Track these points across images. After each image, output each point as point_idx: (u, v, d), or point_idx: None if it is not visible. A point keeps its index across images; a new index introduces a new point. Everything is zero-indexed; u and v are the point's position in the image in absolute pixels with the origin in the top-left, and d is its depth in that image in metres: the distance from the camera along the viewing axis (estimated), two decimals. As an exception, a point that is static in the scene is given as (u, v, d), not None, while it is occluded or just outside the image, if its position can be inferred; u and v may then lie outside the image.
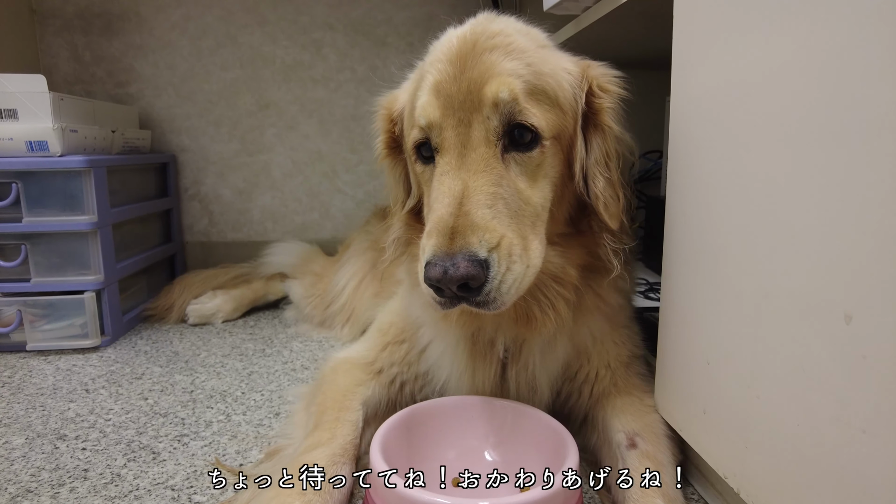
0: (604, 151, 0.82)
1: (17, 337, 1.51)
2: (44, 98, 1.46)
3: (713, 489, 0.85)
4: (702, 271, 0.76)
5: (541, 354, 0.92)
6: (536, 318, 0.85)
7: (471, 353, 0.93)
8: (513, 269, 0.72)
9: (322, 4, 2.18)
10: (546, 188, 0.80)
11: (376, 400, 1.01)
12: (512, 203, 0.75)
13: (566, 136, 0.82)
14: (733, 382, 0.69)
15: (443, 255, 0.69)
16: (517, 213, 0.76)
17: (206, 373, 1.38)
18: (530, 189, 0.78)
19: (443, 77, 0.78)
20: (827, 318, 0.53)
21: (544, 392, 0.94)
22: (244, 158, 2.26)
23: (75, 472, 0.94)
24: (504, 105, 0.75)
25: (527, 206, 0.77)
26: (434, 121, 0.78)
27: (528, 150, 0.78)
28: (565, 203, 0.85)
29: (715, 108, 0.72)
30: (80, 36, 2.13)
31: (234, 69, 2.20)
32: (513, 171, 0.77)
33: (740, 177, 0.67)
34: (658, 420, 0.89)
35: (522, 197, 0.77)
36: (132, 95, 2.18)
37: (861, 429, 0.50)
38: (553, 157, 0.81)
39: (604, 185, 0.82)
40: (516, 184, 0.77)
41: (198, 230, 2.29)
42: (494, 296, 0.71)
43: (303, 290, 1.81)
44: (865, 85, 0.48)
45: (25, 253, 1.50)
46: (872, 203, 0.48)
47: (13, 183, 1.46)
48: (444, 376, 0.98)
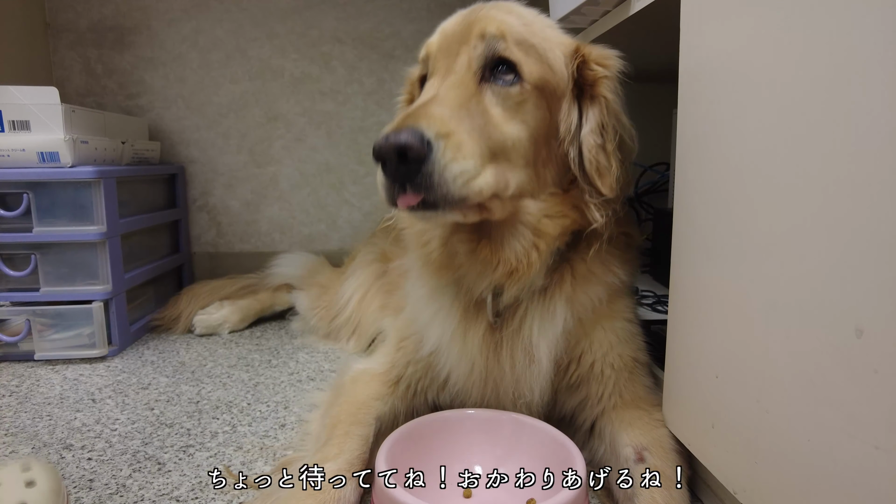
0: (599, 122, 0.85)
1: (26, 346, 1.52)
2: (56, 110, 1.48)
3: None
4: (710, 283, 0.76)
5: (539, 320, 0.91)
6: (510, 263, 0.86)
7: (463, 316, 0.93)
8: (461, 163, 0.73)
9: (331, 18, 2.21)
10: (522, 130, 0.82)
11: (393, 414, 1.00)
12: (477, 121, 0.78)
13: (551, 92, 0.85)
14: (742, 396, 0.68)
15: (390, 131, 0.72)
16: (482, 134, 0.78)
17: (213, 383, 1.38)
18: (504, 123, 0.81)
19: (448, 24, 0.88)
20: (837, 331, 0.52)
21: (543, 362, 0.91)
22: (252, 170, 2.28)
23: (81, 483, 0.94)
24: (490, 38, 0.82)
25: (495, 131, 0.80)
26: (430, 52, 0.87)
27: (508, 86, 0.82)
28: (551, 166, 0.87)
29: (723, 119, 0.72)
30: (92, 49, 2.16)
31: (243, 82, 2.22)
32: (488, 98, 0.82)
33: (748, 188, 0.66)
34: (666, 435, 0.88)
35: (492, 122, 0.80)
36: (142, 107, 2.21)
37: (874, 445, 0.49)
38: (534, 107, 0.84)
39: (596, 150, 0.84)
40: (489, 109, 0.81)
41: (206, 241, 2.31)
42: (437, 180, 0.71)
43: (309, 301, 1.82)
44: (872, 94, 0.48)
45: (35, 263, 1.51)
46: (884, 215, 0.48)
47: (24, 193, 1.47)
48: (434, 341, 0.96)
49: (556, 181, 0.88)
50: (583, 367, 0.96)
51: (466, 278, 0.91)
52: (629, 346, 0.98)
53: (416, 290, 1.02)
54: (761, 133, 0.63)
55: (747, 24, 0.65)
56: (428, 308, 0.98)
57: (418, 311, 1.01)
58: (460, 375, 0.95)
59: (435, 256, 0.92)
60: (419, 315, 1.00)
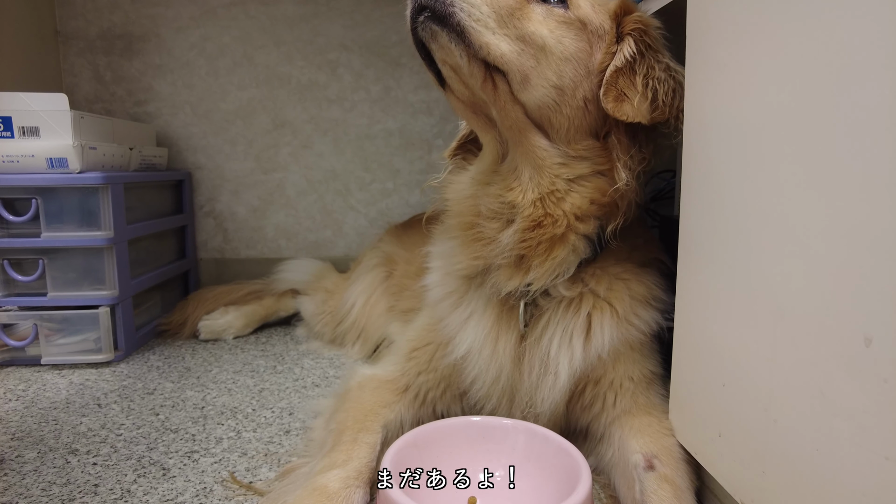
0: (630, 53, 0.87)
1: (33, 351, 1.53)
2: (65, 116, 1.50)
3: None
4: (716, 291, 0.75)
5: (561, 333, 0.92)
6: (531, 259, 0.88)
7: (496, 321, 0.94)
8: (475, 2, 0.79)
9: (338, 25, 2.22)
10: (557, 44, 0.85)
11: (399, 422, 0.99)
12: (511, 3, 0.83)
13: (594, 30, 0.89)
14: (749, 405, 0.67)
15: None
16: (512, 15, 0.82)
17: (218, 389, 1.38)
18: (540, 25, 0.85)
19: None
20: (846, 340, 0.52)
21: (561, 376, 0.91)
22: (259, 176, 2.29)
23: (86, 487, 0.94)
24: None
25: (529, 24, 0.84)
26: None
27: (554, 5, 0.86)
28: (587, 113, 0.88)
29: (729, 124, 0.72)
30: (101, 56, 2.18)
31: (251, 89, 2.24)
32: (533, 7, 0.86)
33: (755, 195, 0.66)
34: (677, 444, 0.88)
35: (528, 16, 0.84)
36: (150, 114, 2.22)
37: (884, 455, 0.48)
38: (576, 36, 0.87)
39: (615, 74, 0.86)
40: (531, 14, 0.85)
41: (212, 247, 2.31)
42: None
43: (314, 306, 1.82)
44: (885, 96, 0.48)
45: (43, 267, 1.52)
46: (894, 223, 0.47)
47: (33, 199, 1.49)
48: (466, 345, 0.96)
49: (591, 128, 0.89)
50: (601, 386, 0.96)
51: (491, 275, 0.92)
52: (650, 361, 0.98)
53: (443, 285, 1.03)
54: (769, 138, 0.63)
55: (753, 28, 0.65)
56: (459, 311, 0.98)
57: (445, 311, 1.01)
58: (486, 382, 0.95)
59: (464, 209, 0.94)
60: (449, 318, 1.00)
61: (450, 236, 1.00)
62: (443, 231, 1.04)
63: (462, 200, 0.96)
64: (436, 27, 0.80)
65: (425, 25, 0.81)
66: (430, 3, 0.79)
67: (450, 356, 0.99)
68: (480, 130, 0.95)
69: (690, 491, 0.82)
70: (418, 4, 0.80)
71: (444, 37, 0.80)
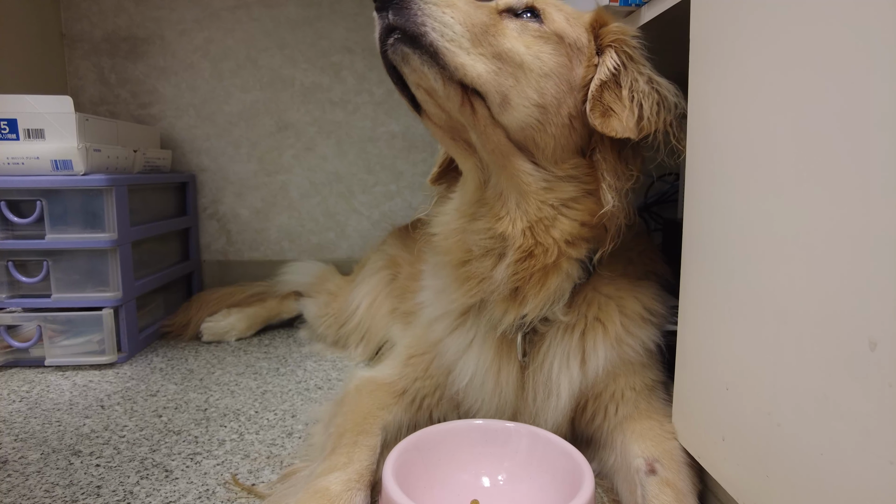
0: (612, 66, 0.86)
1: (36, 352, 1.53)
2: (70, 118, 1.50)
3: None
4: (720, 294, 0.75)
5: (560, 357, 0.92)
6: (526, 291, 0.87)
7: (496, 353, 0.93)
8: (447, 17, 0.76)
9: (341, 28, 2.22)
10: (535, 59, 0.83)
11: (397, 424, 0.99)
12: (483, 19, 0.80)
13: (571, 43, 0.87)
14: (753, 409, 0.67)
15: None
16: (486, 32, 0.80)
17: (220, 391, 1.38)
18: (516, 40, 0.83)
19: None
20: (850, 344, 0.52)
21: (562, 397, 0.91)
22: (262, 179, 2.29)
23: (89, 489, 0.95)
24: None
25: (505, 40, 0.82)
26: None
27: (528, 20, 0.85)
28: (572, 130, 0.86)
29: (732, 128, 0.72)
30: (106, 59, 2.19)
31: (254, 91, 2.24)
32: (506, 23, 0.84)
33: (759, 198, 0.66)
34: (678, 447, 0.88)
35: (502, 32, 0.82)
36: (154, 116, 2.23)
37: (889, 460, 0.48)
38: (553, 51, 0.85)
39: (600, 88, 0.85)
40: (504, 26, 0.83)
41: (215, 249, 2.32)
42: (416, 10, 0.75)
43: (317, 309, 1.82)
44: (888, 101, 0.48)
45: (47, 269, 1.52)
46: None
47: (38, 200, 1.49)
48: (468, 376, 0.95)
49: (572, 146, 0.87)
50: (602, 400, 0.95)
51: (488, 308, 0.91)
52: (651, 371, 0.98)
53: (437, 306, 1.02)
54: (772, 141, 0.63)
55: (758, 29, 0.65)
56: (457, 338, 0.97)
57: (442, 334, 1.00)
58: (489, 411, 0.95)
59: (452, 245, 0.92)
60: (447, 343, 0.99)
61: (442, 273, 0.99)
62: (434, 265, 1.03)
63: (449, 235, 0.93)
64: (407, 49, 0.76)
65: (396, 48, 0.77)
66: (400, 22, 0.75)
67: (451, 387, 0.99)
68: (460, 157, 0.92)
69: (693, 494, 0.81)
70: (387, 24, 0.76)
71: (416, 59, 0.77)
